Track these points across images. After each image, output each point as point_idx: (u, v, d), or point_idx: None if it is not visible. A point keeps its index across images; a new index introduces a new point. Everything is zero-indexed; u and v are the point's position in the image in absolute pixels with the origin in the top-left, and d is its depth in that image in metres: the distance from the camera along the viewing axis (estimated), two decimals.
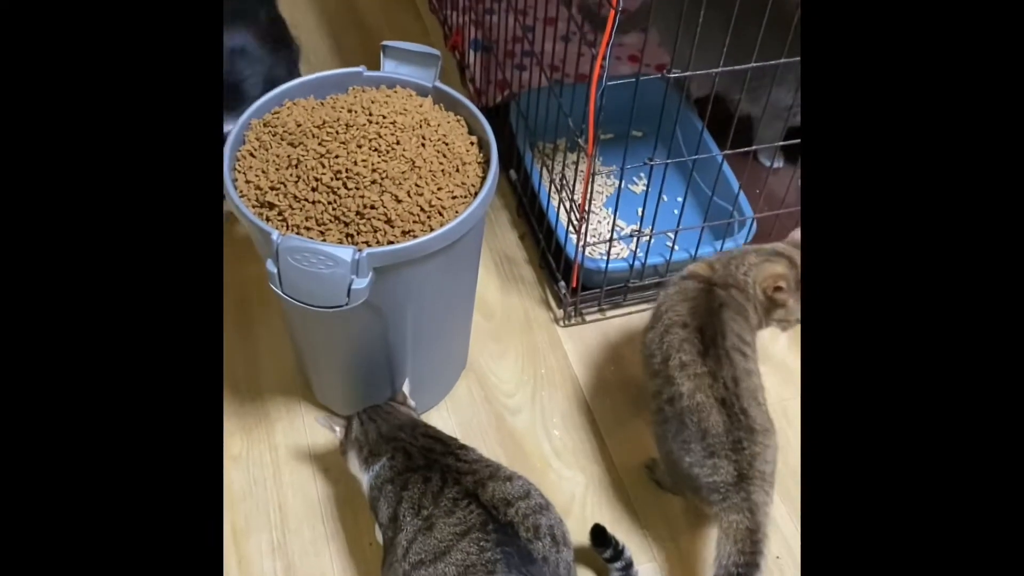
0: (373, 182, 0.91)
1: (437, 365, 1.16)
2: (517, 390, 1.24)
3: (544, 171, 1.35)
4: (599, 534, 1.08)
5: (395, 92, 1.02)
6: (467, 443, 1.00)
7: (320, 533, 1.09)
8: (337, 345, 1.05)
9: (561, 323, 1.32)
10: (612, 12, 0.89)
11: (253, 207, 0.92)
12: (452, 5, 1.65)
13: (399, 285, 0.93)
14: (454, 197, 0.94)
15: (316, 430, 1.16)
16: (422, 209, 0.91)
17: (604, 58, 0.94)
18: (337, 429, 1.02)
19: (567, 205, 1.24)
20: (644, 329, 1.09)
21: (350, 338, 1.03)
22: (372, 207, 0.90)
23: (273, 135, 0.97)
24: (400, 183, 0.91)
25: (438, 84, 1.05)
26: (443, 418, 1.20)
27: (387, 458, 0.95)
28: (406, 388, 1.06)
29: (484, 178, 0.98)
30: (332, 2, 1.80)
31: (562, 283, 1.30)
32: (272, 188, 0.92)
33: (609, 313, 1.33)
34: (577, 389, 1.25)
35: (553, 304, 1.34)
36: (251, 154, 0.97)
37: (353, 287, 0.86)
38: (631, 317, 1.33)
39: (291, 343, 1.20)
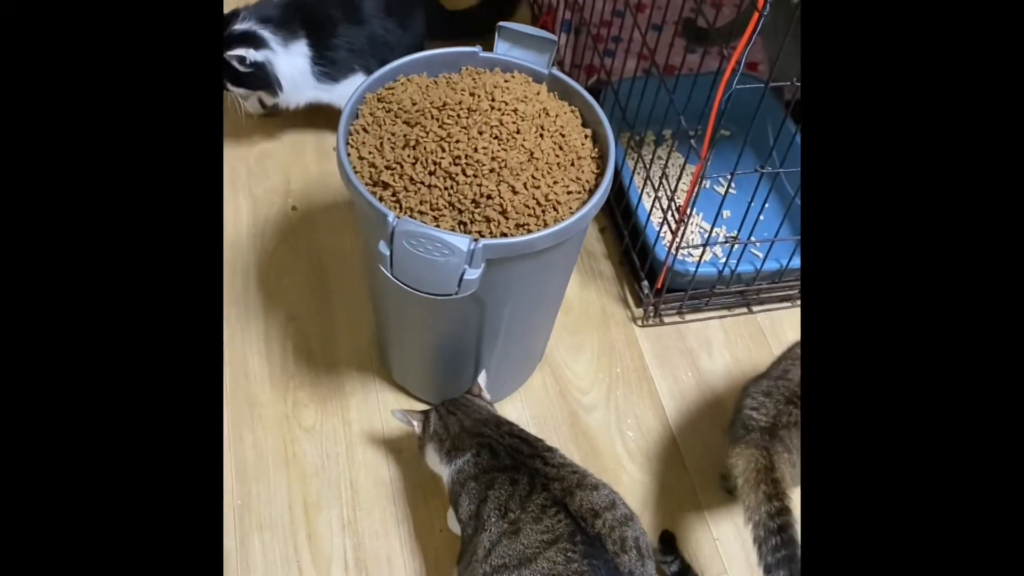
0: (492, 171, 0.88)
1: (520, 357, 1.14)
2: (592, 387, 1.23)
3: (639, 167, 1.32)
4: (668, 541, 1.07)
5: (512, 77, 0.99)
6: (541, 436, 0.98)
7: (391, 514, 1.08)
8: (429, 331, 1.03)
9: (639, 322, 1.30)
10: (756, 15, 0.86)
11: (366, 184, 0.90)
12: None
13: (504, 278, 0.91)
14: (569, 192, 0.91)
15: (390, 409, 1.15)
16: (538, 203, 0.89)
17: (739, 61, 0.90)
18: (415, 424, 1.00)
19: (663, 204, 1.21)
20: None
21: (444, 326, 1.01)
22: (489, 196, 0.87)
23: (387, 111, 0.94)
24: (518, 174, 0.89)
25: (554, 71, 1.02)
26: (517, 409, 1.18)
27: (472, 454, 0.94)
28: (482, 380, 1.04)
29: (599, 174, 0.95)
30: None
31: (645, 282, 1.27)
32: (388, 168, 0.89)
33: (688, 317, 1.31)
34: (652, 391, 1.23)
35: (631, 302, 1.32)
36: (364, 129, 0.94)
37: (465, 277, 0.84)
38: (710, 323, 1.31)
39: (374, 319, 1.18)
